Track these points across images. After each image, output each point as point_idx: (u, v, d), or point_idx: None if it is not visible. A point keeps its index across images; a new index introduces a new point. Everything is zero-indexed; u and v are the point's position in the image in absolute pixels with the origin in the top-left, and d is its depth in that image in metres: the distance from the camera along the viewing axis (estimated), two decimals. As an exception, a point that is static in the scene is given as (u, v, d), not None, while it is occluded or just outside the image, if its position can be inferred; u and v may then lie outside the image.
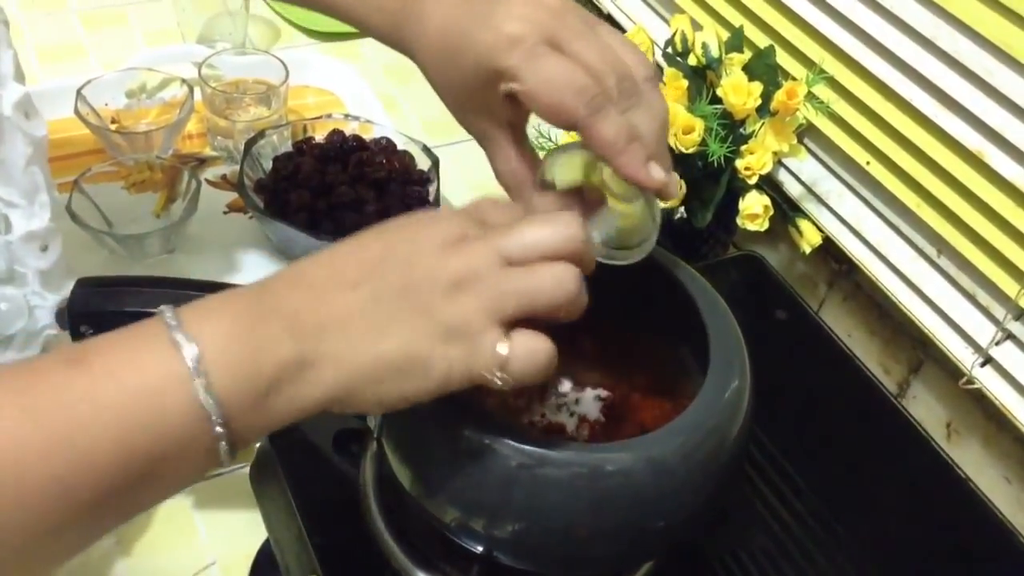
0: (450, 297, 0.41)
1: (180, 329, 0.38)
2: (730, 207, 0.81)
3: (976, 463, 0.78)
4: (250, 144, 0.89)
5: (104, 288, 0.54)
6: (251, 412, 0.39)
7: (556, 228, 0.43)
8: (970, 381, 0.74)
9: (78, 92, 0.93)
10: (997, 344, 0.72)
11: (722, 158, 0.76)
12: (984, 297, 0.73)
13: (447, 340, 0.41)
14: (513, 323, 0.42)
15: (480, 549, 0.53)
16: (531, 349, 0.42)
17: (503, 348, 0.41)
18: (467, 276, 0.41)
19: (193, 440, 0.38)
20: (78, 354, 0.38)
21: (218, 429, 0.38)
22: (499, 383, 0.42)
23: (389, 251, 0.42)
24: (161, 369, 0.37)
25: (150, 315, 0.53)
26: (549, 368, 0.43)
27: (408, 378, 0.41)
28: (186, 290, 0.55)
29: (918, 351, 0.83)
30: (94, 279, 0.54)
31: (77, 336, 0.53)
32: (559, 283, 0.42)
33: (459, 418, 0.50)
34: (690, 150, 0.76)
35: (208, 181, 0.95)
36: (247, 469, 0.70)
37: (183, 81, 0.98)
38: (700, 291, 0.58)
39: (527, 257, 0.42)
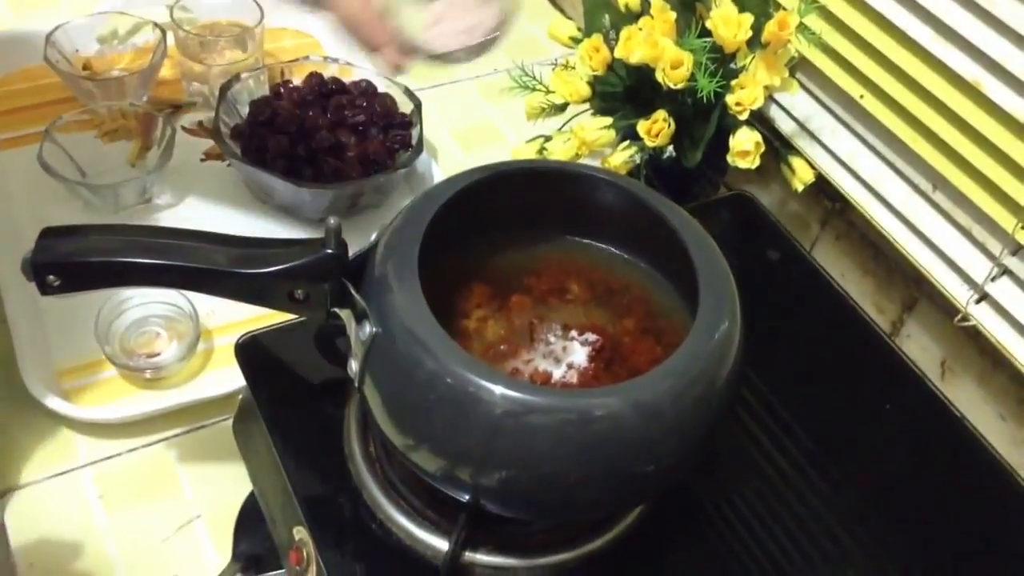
0: None
1: None
2: (720, 145, 0.79)
3: (970, 401, 0.77)
4: (225, 89, 0.87)
5: (70, 237, 0.52)
6: None
7: None
8: (965, 318, 0.73)
9: (47, 38, 0.90)
10: (993, 280, 0.71)
11: (712, 94, 0.73)
12: (980, 232, 0.72)
13: None
14: None
15: (467, 498, 0.52)
16: None
17: None
18: None
19: None
20: None
21: None
22: None
23: None
24: None
25: (118, 264, 0.52)
26: None
27: None
28: (157, 238, 0.53)
29: (912, 289, 0.82)
30: (59, 228, 0.52)
31: (44, 287, 0.51)
32: None
33: (442, 366, 0.48)
34: (679, 85, 0.73)
35: (184, 128, 0.93)
36: (230, 421, 0.69)
37: (155, 25, 0.95)
38: (689, 232, 0.57)
39: None
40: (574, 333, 0.60)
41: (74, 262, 0.51)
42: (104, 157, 0.87)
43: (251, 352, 0.65)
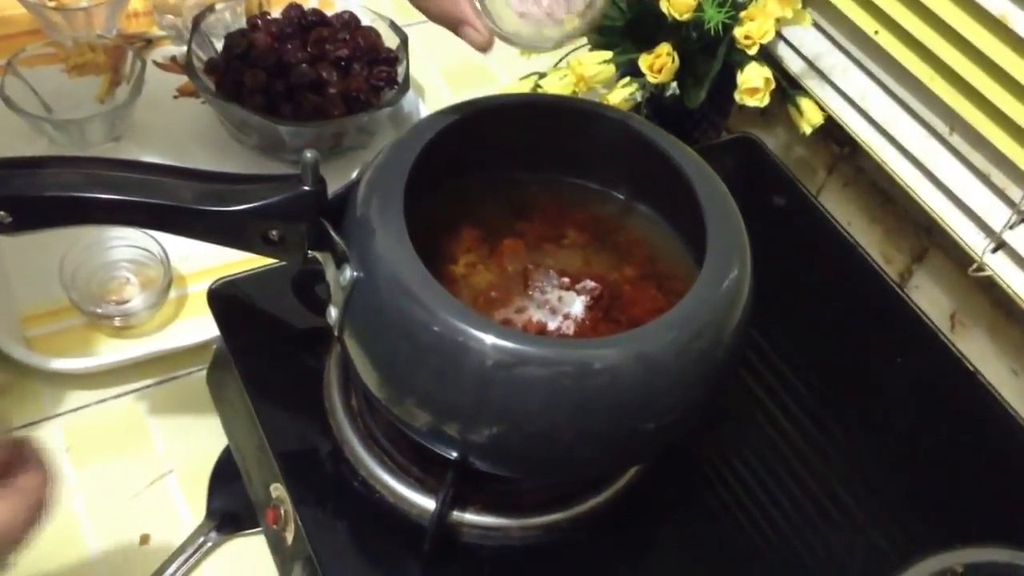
0: None
1: None
2: (725, 85, 0.75)
3: (981, 355, 0.74)
4: (199, 21, 0.82)
5: (23, 169, 0.48)
6: None
7: None
8: (980, 268, 0.69)
9: (9, -35, 0.85)
10: (1011, 228, 0.68)
11: (719, 26, 0.69)
12: (1000, 177, 0.68)
13: None
14: None
15: (454, 455, 0.49)
16: None
17: None
18: None
19: None
20: None
21: None
22: None
23: None
24: None
25: (74, 199, 0.48)
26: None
27: None
28: (119, 171, 0.49)
29: (923, 239, 0.78)
30: (12, 159, 0.48)
31: (-6, 224, 0.47)
32: None
33: (428, 313, 0.45)
34: (684, 17, 0.69)
35: (155, 63, 0.88)
36: (204, 372, 0.66)
37: (125, -48, 0.89)
38: (696, 172, 0.53)
39: None
40: (570, 280, 0.56)
41: (27, 196, 0.47)
42: (71, 92, 0.82)
43: (225, 299, 0.62)
